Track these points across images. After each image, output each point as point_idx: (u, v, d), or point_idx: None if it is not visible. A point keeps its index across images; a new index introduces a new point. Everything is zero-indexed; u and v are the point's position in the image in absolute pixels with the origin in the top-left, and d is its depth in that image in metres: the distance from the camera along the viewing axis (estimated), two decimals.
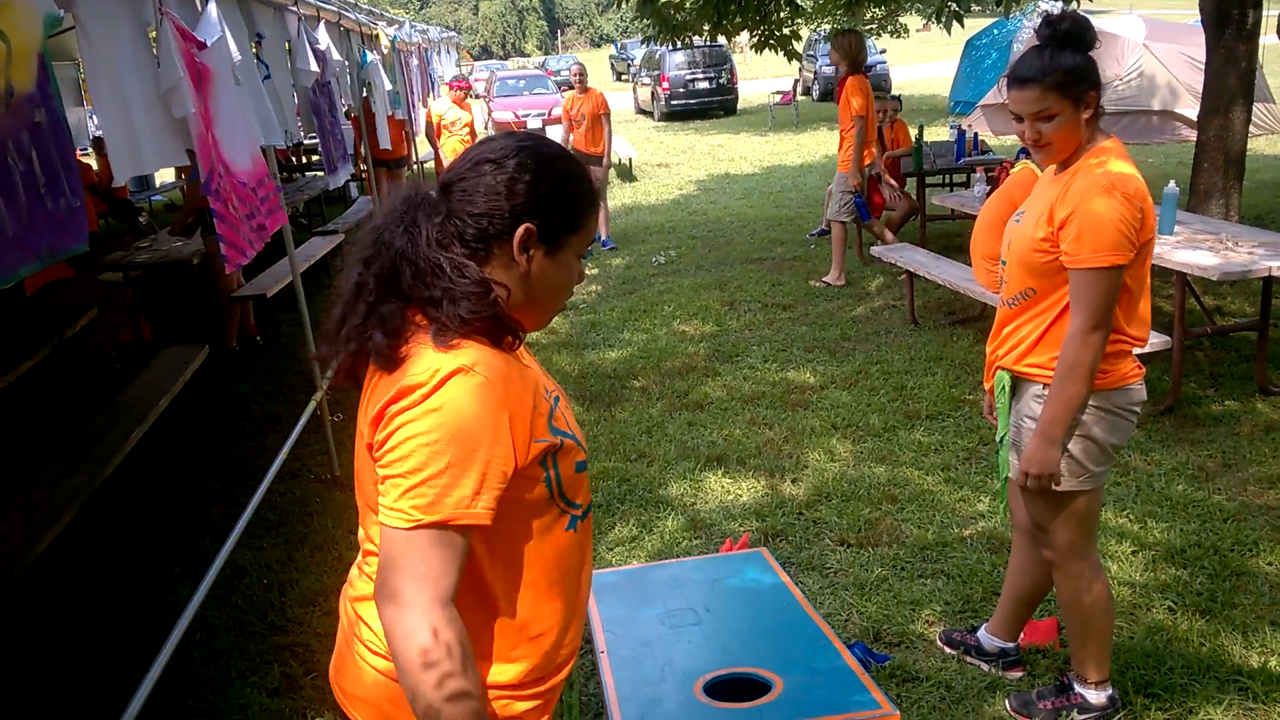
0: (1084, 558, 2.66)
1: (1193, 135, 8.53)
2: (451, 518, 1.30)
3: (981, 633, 3.06)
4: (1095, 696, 2.74)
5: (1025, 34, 17.15)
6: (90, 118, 11.24)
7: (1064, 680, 2.82)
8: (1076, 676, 2.78)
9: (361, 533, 1.51)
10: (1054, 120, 2.39)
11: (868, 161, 7.53)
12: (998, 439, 2.70)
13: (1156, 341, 4.54)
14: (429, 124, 10.32)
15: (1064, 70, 2.35)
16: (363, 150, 8.56)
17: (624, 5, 8.82)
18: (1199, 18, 7.44)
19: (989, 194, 6.71)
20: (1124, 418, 2.55)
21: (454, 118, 10.16)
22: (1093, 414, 2.51)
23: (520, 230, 1.40)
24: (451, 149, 10.04)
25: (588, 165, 6.91)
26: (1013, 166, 6.60)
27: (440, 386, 1.31)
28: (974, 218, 6.00)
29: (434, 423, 1.30)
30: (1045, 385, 2.52)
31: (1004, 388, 2.67)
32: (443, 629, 1.28)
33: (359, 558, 1.54)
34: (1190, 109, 12.32)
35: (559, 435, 1.44)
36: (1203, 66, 7.43)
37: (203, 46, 3.49)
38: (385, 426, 1.34)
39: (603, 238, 9.90)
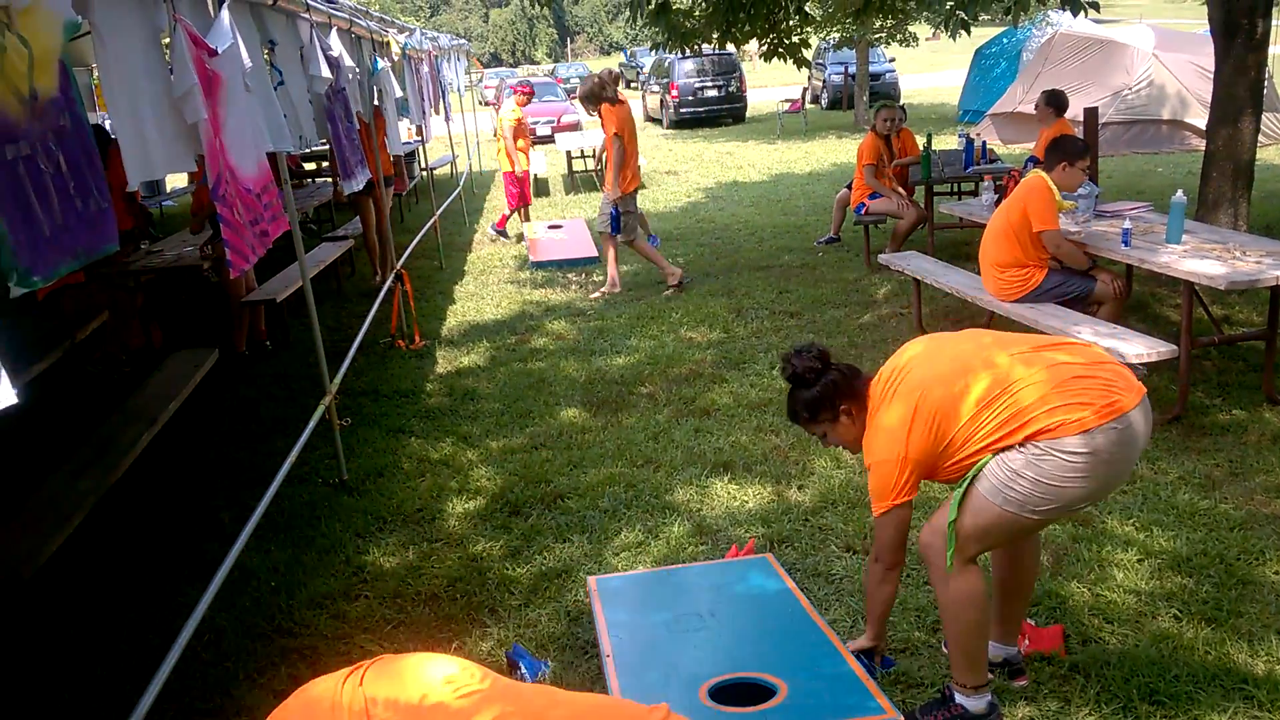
0: (970, 565, 2.67)
1: (1202, 145, 8.53)
2: None
3: None
4: (974, 704, 2.74)
5: (1034, 43, 17.19)
6: (103, 123, 11.32)
7: (945, 692, 2.82)
8: (956, 685, 2.77)
9: None
10: (828, 435, 2.88)
11: (635, 185, 7.98)
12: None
13: (1164, 350, 4.54)
14: (517, 125, 10.84)
15: (804, 409, 2.85)
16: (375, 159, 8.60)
17: (640, 16, 8.84)
18: (1208, 27, 7.45)
19: (997, 202, 6.72)
20: (1078, 465, 2.49)
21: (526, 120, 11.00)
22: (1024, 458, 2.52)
23: None
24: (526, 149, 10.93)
25: None
26: (1021, 175, 6.62)
27: None
28: (982, 226, 6.01)
29: None
30: (1019, 444, 2.53)
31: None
32: None
33: None
34: (1199, 118, 12.31)
35: None
36: (1212, 76, 7.43)
37: (214, 53, 3.52)
38: None
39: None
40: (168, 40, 3.34)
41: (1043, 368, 2.55)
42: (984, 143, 8.85)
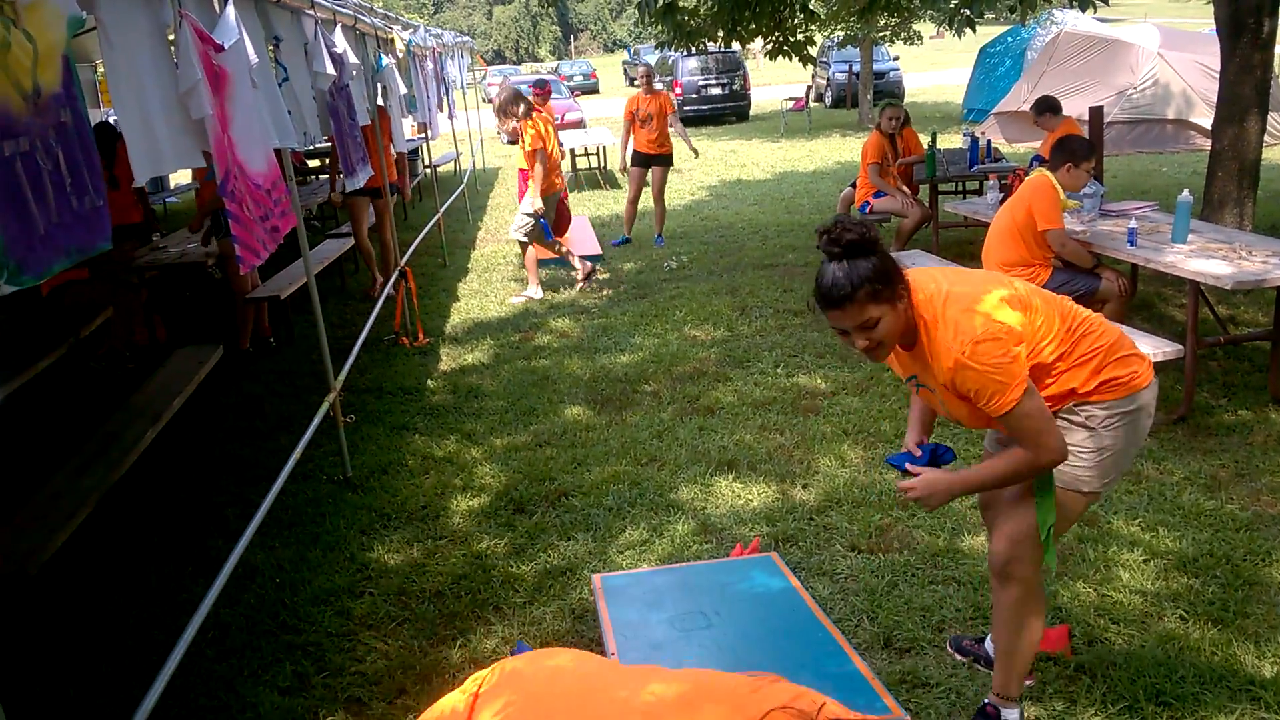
0: (1037, 565, 2.60)
1: (1207, 144, 8.51)
2: None
3: (988, 642, 3.05)
4: (1014, 716, 2.71)
5: (1039, 42, 17.15)
6: (107, 118, 11.34)
7: (987, 709, 2.74)
8: (1001, 698, 2.70)
9: None
10: (880, 324, 2.33)
11: (556, 189, 8.16)
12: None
13: (1169, 350, 4.53)
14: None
15: (872, 278, 2.28)
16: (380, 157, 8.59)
17: (648, 16, 8.80)
18: (1214, 27, 7.43)
19: (1002, 201, 6.71)
20: (1138, 420, 2.52)
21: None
22: (1111, 421, 2.48)
23: None
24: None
25: (652, 166, 7.11)
26: (1026, 174, 6.60)
27: None
28: (987, 225, 5.99)
29: None
30: (1077, 403, 2.49)
31: None
32: None
33: None
34: (1205, 118, 12.29)
35: None
36: (1218, 75, 7.41)
37: (220, 49, 3.51)
38: None
39: (626, 237, 10.01)
40: (173, 36, 3.33)
41: (1088, 315, 2.52)
42: (989, 141, 8.84)
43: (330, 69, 5.31)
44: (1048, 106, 7.92)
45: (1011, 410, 2.30)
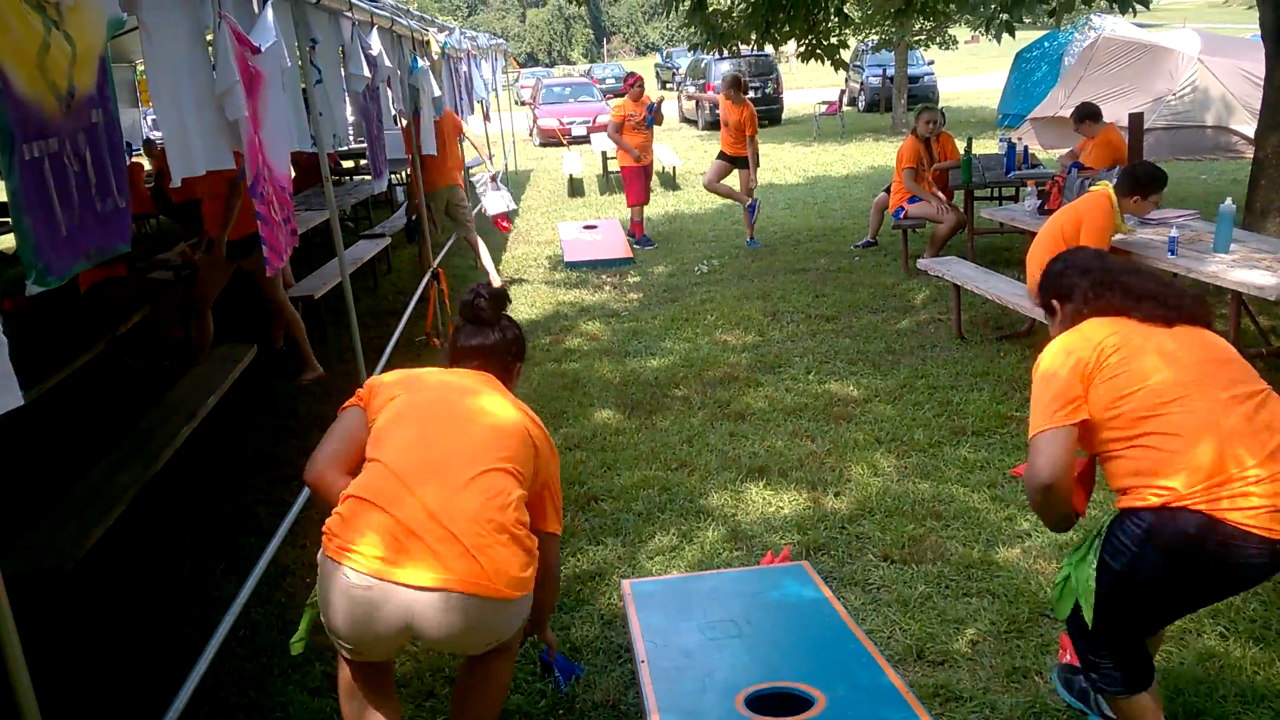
0: None
1: (1248, 151, 8.37)
2: None
3: None
4: None
5: (1076, 47, 16.97)
6: (144, 119, 11.48)
7: None
8: None
9: None
10: None
11: (434, 186, 8.28)
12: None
13: None
14: (623, 120, 10.27)
15: None
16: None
17: (673, 14, 8.80)
18: (1258, 32, 7.30)
19: (1040, 208, 6.64)
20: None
21: (635, 115, 10.26)
22: None
23: None
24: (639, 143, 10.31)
25: (736, 167, 7.94)
26: (1066, 180, 6.53)
27: None
28: (1023, 231, 5.93)
29: None
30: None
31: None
32: None
33: None
34: (1245, 125, 12.10)
35: None
36: (1259, 82, 7.29)
37: (256, 50, 3.53)
38: None
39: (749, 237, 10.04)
40: (211, 36, 3.35)
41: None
42: (1025, 147, 8.75)
43: (365, 70, 5.33)
44: (1088, 114, 7.84)
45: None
